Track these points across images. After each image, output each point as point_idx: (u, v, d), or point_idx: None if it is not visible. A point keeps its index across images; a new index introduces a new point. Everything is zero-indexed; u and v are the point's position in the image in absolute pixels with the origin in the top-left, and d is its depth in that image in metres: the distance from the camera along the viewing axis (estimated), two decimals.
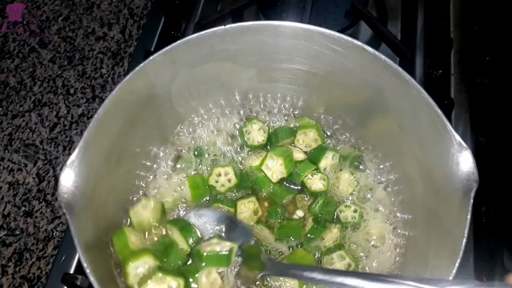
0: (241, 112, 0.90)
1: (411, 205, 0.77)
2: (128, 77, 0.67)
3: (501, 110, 1.01)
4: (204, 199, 0.85)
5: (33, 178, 1.20)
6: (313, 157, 0.87)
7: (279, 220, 0.83)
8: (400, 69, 0.67)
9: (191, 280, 0.72)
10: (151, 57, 0.68)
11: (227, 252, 0.72)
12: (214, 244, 0.74)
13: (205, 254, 0.73)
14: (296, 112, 0.90)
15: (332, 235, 0.80)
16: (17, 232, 1.13)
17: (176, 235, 0.75)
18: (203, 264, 0.73)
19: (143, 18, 1.42)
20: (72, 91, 1.32)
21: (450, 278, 0.57)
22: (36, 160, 1.22)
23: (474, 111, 1.02)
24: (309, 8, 1.05)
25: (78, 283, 0.80)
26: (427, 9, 1.17)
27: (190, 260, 0.75)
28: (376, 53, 0.68)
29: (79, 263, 0.88)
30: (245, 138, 0.87)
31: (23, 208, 1.16)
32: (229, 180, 0.85)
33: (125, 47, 1.38)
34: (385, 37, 1.06)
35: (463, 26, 1.13)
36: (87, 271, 0.56)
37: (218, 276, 0.73)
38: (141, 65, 0.68)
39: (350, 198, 0.84)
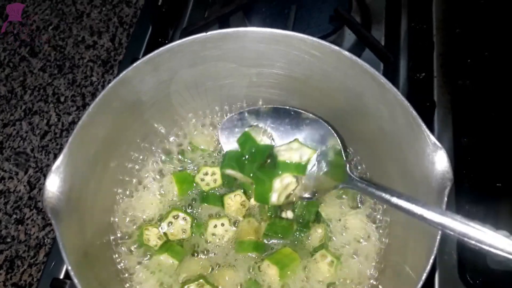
0: (224, 115, 0.91)
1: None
2: (111, 84, 0.69)
3: (483, 111, 1.03)
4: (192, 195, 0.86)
5: (24, 186, 1.21)
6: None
7: (269, 215, 0.85)
8: (376, 73, 0.69)
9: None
10: (134, 64, 0.70)
11: (305, 162, 0.75)
12: (293, 150, 0.77)
13: (282, 160, 0.76)
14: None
15: (317, 234, 0.82)
16: (8, 240, 1.14)
17: None
18: (279, 172, 0.76)
19: (132, 26, 1.44)
20: (62, 99, 1.33)
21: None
22: (27, 168, 1.23)
23: (456, 113, 1.04)
24: (293, 14, 1.07)
25: None
26: (410, 13, 1.19)
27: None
28: (353, 57, 0.70)
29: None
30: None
31: (14, 216, 1.17)
32: (214, 181, 0.86)
33: (115, 55, 1.40)
34: (369, 42, 1.08)
35: (445, 30, 1.15)
36: (72, 273, 0.57)
37: (293, 180, 0.76)
38: (124, 72, 0.70)
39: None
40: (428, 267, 0.59)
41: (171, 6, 1.16)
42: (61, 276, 0.88)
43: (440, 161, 0.63)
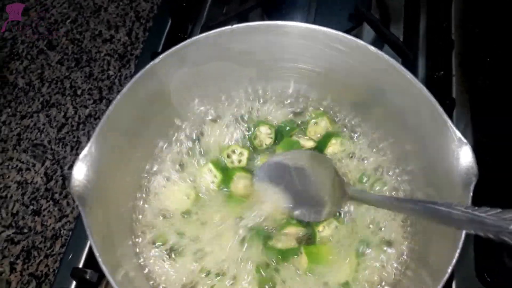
0: (246, 111, 0.91)
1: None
2: (138, 74, 0.69)
3: (502, 111, 1.03)
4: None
5: (41, 177, 1.22)
6: (320, 143, 0.88)
7: None
8: (402, 68, 0.69)
9: None
10: (161, 56, 0.71)
11: None
12: None
13: None
14: (299, 110, 0.91)
15: None
16: (25, 230, 1.15)
17: None
18: None
19: (149, 21, 1.45)
20: (79, 92, 1.34)
21: (449, 269, 0.59)
22: (44, 160, 1.24)
23: (475, 112, 1.04)
24: (313, 11, 1.07)
25: (87, 277, 0.82)
26: (429, 12, 1.19)
27: None
28: (379, 52, 0.71)
29: (87, 259, 0.90)
30: (254, 144, 0.89)
31: (31, 207, 1.18)
32: (239, 161, 0.87)
33: (132, 50, 1.40)
34: (388, 39, 1.08)
35: (464, 29, 1.15)
36: (99, 260, 0.58)
37: None
38: (151, 63, 0.70)
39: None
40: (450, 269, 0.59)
41: (191, 1, 1.17)
42: (80, 266, 0.89)
43: (465, 156, 0.64)
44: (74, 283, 0.87)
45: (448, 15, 1.17)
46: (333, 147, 0.87)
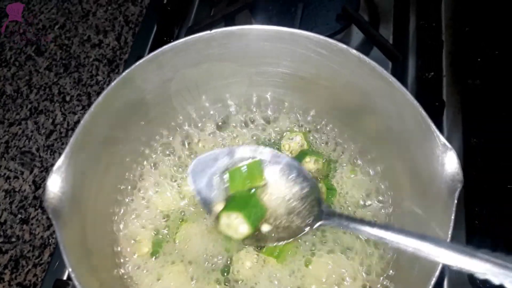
0: (229, 116, 0.90)
1: (399, 205, 0.77)
2: (114, 82, 0.68)
3: (493, 111, 1.01)
4: None
5: (29, 185, 1.20)
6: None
7: None
8: (384, 71, 0.67)
9: None
10: (137, 63, 0.69)
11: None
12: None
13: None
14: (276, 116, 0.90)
15: None
16: (13, 239, 1.14)
17: None
18: None
19: (138, 25, 1.43)
20: (68, 98, 1.33)
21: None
22: (32, 168, 1.23)
23: (466, 113, 1.02)
24: (300, 12, 1.05)
25: None
26: (419, 11, 1.17)
27: None
28: (361, 55, 0.69)
29: None
30: None
31: (19, 216, 1.16)
32: None
33: (121, 54, 1.39)
34: (376, 40, 1.06)
35: (454, 28, 1.13)
36: (72, 275, 0.56)
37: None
38: (127, 70, 0.69)
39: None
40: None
41: (177, 5, 1.15)
42: (65, 277, 0.88)
43: (450, 162, 0.62)
44: None
45: (438, 14, 1.15)
46: (307, 165, 0.84)
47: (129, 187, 0.82)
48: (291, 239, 0.74)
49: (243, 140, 0.87)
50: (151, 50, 1.13)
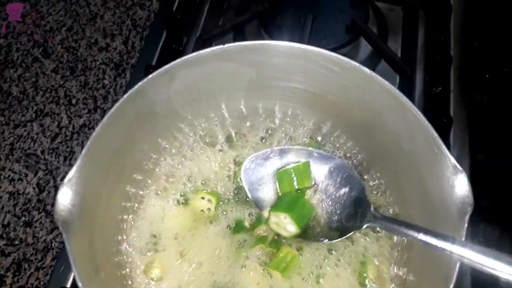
0: (236, 132, 0.90)
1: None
2: (127, 94, 0.68)
3: (500, 128, 1.02)
4: None
5: (33, 188, 1.20)
6: None
7: None
8: (397, 91, 0.67)
9: None
10: (150, 76, 0.69)
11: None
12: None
13: None
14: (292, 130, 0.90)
15: None
16: (16, 242, 1.14)
17: None
18: None
19: (145, 29, 1.43)
20: (74, 101, 1.32)
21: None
22: (37, 170, 1.23)
23: (473, 129, 1.02)
24: (309, 23, 1.05)
25: None
26: (427, 25, 1.17)
27: None
28: (373, 74, 0.69)
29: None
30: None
31: (23, 218, 1.16)
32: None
33: (128, 59, 1.39)
34: (385, 53, 1.06)
35: (463, 43, 1.14)
36: None
37: None
38: (140, 83, 0.69)
39: None
40: None
41: (186, 12, 1.15)
42: (68, 285, 0.88)
43: (460, 185, 0.62)
44: None
45: (446, 29, 1.15)
46: None
47: (137, 200, 0.82)
48: (339, 239, 0.77)
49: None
50: (159, 58, 1.14)
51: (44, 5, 1.49)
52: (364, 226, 0.73)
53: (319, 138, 0.89)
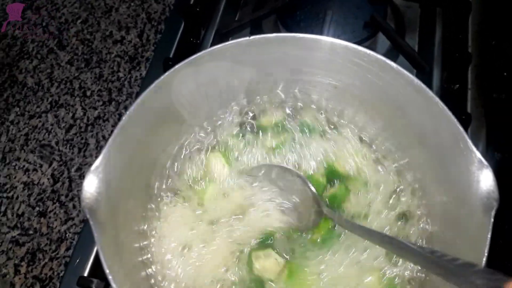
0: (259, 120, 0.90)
1: (431, 220, 0.77)
2: (153, 85, 0.68)
3: None
4: None
5: (48, 178, 1.21)
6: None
7: None
8: (423, 85, 0.68)
9: None
10: (176, 66, 0.69)
11: None
12: None
13: None
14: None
15: None
16: (31, 232, 1.14)
17: None
18: None
19: (160, 23, 1.43)
20: (88, 93, 1.33)
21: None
22: (51, 161, 1.23)
23: (491, 126, 1.02)
24: (328, 19, 1.05)
25: (94, 287, 0.80)
26: (445, 22, 1.17)
27: None
28: (399, 68, 0.69)
29: (93, 267, 0.89)
30: None
31: (37, 208, 1.17)
32: None
33: (142, 52, 1.39)
34: (404, 50, 1.06)
35: (481, 41, 1.13)
36: (110, 277, 0.56)
37: None
38: (166, 74, 0.69)
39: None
40: None
41: (204, 6, 1.15)
42: (86, 274, 0.88)
43: (486, 180, 0.62)
44: None
45: (464, 26, 1.15)
46: None
47: (161, 191, 0.82)
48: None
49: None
50: (177, 51, 1.14)
51: None
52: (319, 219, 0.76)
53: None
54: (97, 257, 0.90)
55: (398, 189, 0.82)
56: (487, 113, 1.04)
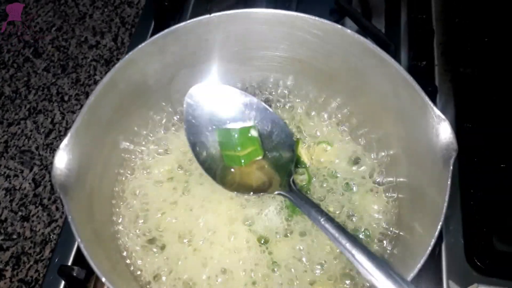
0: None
1: (396, 181, 0.79)
2: (117, 65, 0.69)
3: (484, 97, 1.04)
4: None
5: (29, 183, 1.21)
6: None
7: None
8: (378, 48, 0.70)
9: None
10: (139, 46, 0.71)
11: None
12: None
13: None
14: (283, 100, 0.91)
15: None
16: (14, 237, 1.14)
17: None
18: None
19: (134, 26, 1.46)
20: (66, 98, 1.34)
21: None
22: (32, 166, 1.24)
23: (458, 100, 1.05)
24: (294, 5, 1.08)
25: (75, 274, 0.81)
26: (409, 5, 1.20)
27: None
28: (356, 35, 0.71)
29: (74, 259, 0.89)
30: None
31: (19, 213, 1.17)
32: None
33: (118, 54, 1.41)
34: (370, 31, 1.09)
35: (444, 20, 1.17)
36: (82, 245, 0.57)
37: None
38: (130, 53, 0.70)
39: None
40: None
41: (174, 0, 1.17)
42: (69, 263, 0.88)
43: (444, 132, 0.64)
44: (62, 283, 0.86)
45: (428, 7, 1.18)
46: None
47: (132, 167, 0.83)
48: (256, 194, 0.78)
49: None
50: None
51: (33, 7, 1.51)
52: (276, 192, 0.75)
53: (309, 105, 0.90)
54: (78, 251, 0.89)
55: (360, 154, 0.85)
56: (455, 87, 1.06)
